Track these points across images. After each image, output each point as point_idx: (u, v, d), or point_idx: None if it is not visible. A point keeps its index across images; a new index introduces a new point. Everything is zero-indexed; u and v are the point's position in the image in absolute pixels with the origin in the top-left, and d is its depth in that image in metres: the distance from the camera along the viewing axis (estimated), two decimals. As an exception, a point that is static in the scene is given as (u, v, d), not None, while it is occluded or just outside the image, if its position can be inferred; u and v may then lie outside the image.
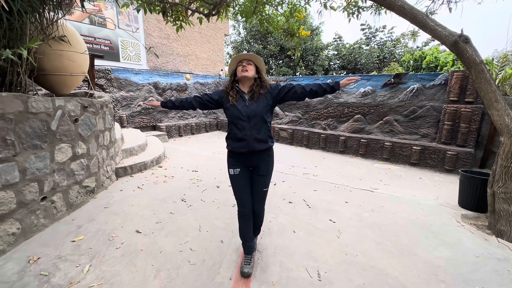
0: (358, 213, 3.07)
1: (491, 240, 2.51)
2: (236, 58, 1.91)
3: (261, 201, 2.02)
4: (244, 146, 1.83)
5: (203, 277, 1.93)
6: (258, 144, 1.83)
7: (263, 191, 1.98)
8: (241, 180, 1.93)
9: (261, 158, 1.91)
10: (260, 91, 1.86)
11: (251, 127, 1.81)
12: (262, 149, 1.86)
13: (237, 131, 1.84)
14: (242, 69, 1.84)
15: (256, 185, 1.96)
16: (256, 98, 1.84)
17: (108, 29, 6.50)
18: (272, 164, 2.00)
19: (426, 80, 5.33)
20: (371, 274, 2.02)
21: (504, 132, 2.37)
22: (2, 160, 2.05)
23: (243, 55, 1.89)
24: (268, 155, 1.94)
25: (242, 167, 1.93)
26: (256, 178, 1.95)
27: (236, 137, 1.85)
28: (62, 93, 3.31)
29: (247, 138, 1.81)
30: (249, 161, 1.91)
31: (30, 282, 1.80)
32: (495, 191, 2.57)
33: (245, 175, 1.94)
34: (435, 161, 5.03)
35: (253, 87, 1.87)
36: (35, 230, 2.38)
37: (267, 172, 1.96)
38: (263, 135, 1.84)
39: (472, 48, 2.36)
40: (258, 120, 1.82)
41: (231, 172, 1.95)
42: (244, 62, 1.87)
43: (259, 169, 1.93)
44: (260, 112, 1.82)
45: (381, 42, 15.74)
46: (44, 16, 2.42)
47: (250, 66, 1.86)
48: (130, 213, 2.87)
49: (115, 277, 1.89)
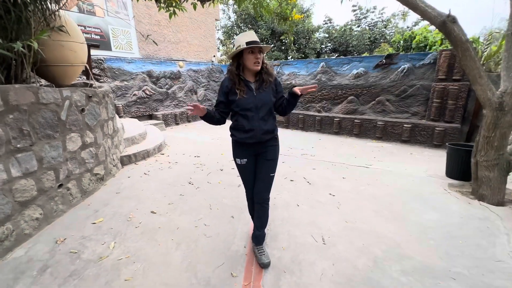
0: (355, 187, 3.32)
1: (473, 204, 2.80)
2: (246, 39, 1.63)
3: (267, 187, 1.92)
4: (252, 137, 1.76)
5: (220, 247, 2.14)
6: (265, 135, 1.79)
7: (269, 176, 1.90)
8: (248, 169, 1.92)
9: (268, 144, 1.87)
10: (269, 78, 1.76)
11: (259, 118, 1.74)
12: (269, 138, 1.84)
13: (245, 122, 1.74)
14: (255, 60, 1.66)
15: (264, 170, 1.89)
16: (265, 86, 1.75)
17: (98, 17, 6.34)
18: (278, 149, 1.95)
19: (416, 60, 5.50)
20: (369, 236, 2.26)
21: (486, 105, 2.59)
22: (21, 149, 2.15)
23: (256, 41, 1.64)
24: (275, 139, 1.91)
25: (249, 156, 1.89)
26: (263, 162, 1.89)
27: (244, 128, 1.75)
28: (64, 84, 3.33)
29: (255, 129, 1.74)
30: (256, 149, 1.87)
31: (62, 259, 1.97)
32: (478, 160, 2.83)
33: (252, 163, 1.91)
34: (425, 137, 5.31)
35: (261, 75, 1.75)
36: (55, 215, 2.52)
37: (275, 156, 1.92)
38: (270, 125, 1.80)
39: (459, 27, 2.52)
40: (266, 110, 1.76)
41: (238, 162, 1.92)
42: (256, 50, 1.65)
43: (266, 154, 1.88)
44: (268, 102, 1.75)
45: (371, 23, 15.72)
46: (46, 7, 2.43)
47: (261, 56, 1.68)
48: (142, 196, 3.03)
49: (140, 251, 2.07)
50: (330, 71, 6.80)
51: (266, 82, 1.75)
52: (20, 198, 2.13)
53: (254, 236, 2.03)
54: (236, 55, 1.72)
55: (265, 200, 1.93)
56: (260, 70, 1.74)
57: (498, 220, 2.46)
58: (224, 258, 2.01)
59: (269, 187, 1.93)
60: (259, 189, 1.91)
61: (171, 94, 8.18)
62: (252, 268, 1.90)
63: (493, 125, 2.57)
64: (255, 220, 2.01)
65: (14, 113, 2.07)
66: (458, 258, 1.98)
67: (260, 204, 1.93)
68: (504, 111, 2.48)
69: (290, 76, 7.60)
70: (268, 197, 1.95)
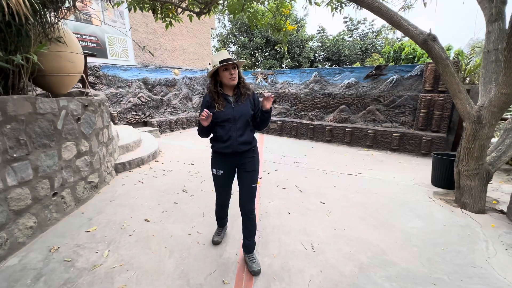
0: (345, 194, 3.42)
1: (456, 212, 2.93)
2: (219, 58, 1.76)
3: (251, 198, 1.98)
4: (229, 146, 1.85)
5: (212, 254, 2.20)
6: (242, 145, 1.86)
7: (252, 187, 1.96)
8: (223, 180, 2.00)
9: (246, 156, 1.93)
10: (247, 92, 1.89)
11: (236, 129, 1.84)
12: (246, 149, 1.90)
13: (223, 132, 1.85)
14: (230, 77, 1.78)
15: (244, 181, 1.96)
16: (243, 99, 1.86)
17: (94, 25, 6.42)
18: (257, 160, 2.01)
19: (404, 72, 5.73)
20: (356, 243, 2.36)
21: (466, 118, 2.75)
22: (17, 159, 2.20)
23: (228, 59, 1.77)
24: (252, 151, 1.96)
25: (226, 168, 1.96)
26: (244, 174, 1.96)
27: (222, 138, 1.86)
28: (60, 93, 3.39)
29: (231, 140, 1.84)
30: (234, 160, 1.94)
31: (56, 267, 2.00)
32: (460, 170, 2.98)
33: (228, 175, 1.98)
34: (413, 146, 5.49)
35: (239, 89, 1.88)
36: (49, 224, 2.55)
37: (254, 168, 1.96)
38: (247, 137, 1.88)
39: (439, 45, 2.69)
40: (244, 121, 1.85)
41: (214, 172, 2.00)
42: (230, 67, 1.77)
43: (246, 166, 1.94)
44: (246, 114, 1.85)
45: (363, 34, 16.19)
46: (45, 20, 2.51)
47: (236, 71, 1.81)
48: (136, 204, 3.07)
49: (134, 259, 2.12)
50: (323, 81, 6.99)
51: (244, 95, 1.88)
52: (15, 206, 2.16)
53: (244, 246, 2.08)
54: (213, 74, 1.85)
55: (250, 211, 2.00)
56: (238, 84, 1.87)
57: (478, 228, 2.59)
58: (216, 265, 2.06)
59: (253, 197, 2.00)
60: (244, 201, 1.98)
61: (166, 101, 8.25)
62: (243, 275, 1.96)
63: (473, 137, 2.73)
64: (244, 231, 2.06)
65: (11, 123, 2.12)
66: (439, 264, 2.08)
67: (246, 215, 2.01)
68: (482, 124, 2.64)
69: (284, 84, 7.77)
70: (253, 207, 2.01)
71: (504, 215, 2.82)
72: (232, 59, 1.78)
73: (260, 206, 3.06)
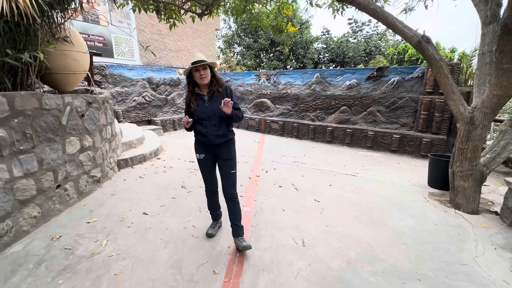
0: (340, 194, 3.47)
1: (449, 212, 2.95)
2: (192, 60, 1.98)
3: (232, 183, 2.18)
4: (206, 140, 2.10)
5: (205, 247, 2.28)
6: (218, 138, 2.08)
7: (230, 173, 2.17)
8: (205, 163, 2.23)
9: (222, 146, 2.14)
10: (219, 89, 2.06)
11: (212, 125, 2.05)
12: (222, 141, 2.11)
13: (201, 127, 2.09)
14: (200, 77, 1.97)
15: (223, 168, 2.18)
16: (215, 97, 2.04)
17: (101, 25, 6.61)
18: (233, 150, 2.21)
19: (405, 73, 5.73)
20: (347, 240, 2.41)
21: (459, 119, 2.78)
22: (23, 151, 2.32)
23: (197, 61, 1.95)
24: (229, 142, 2.17)
25: (207, 153, 2.19)
26: (221, 162, 2.18)
27: (200, 132, 2.11)
28: (66, 90, 3.53)
29: (208, 134, 2.07)
30: (212, 149, 2.16)
31: (57, 254, 2.11)
32: (454, 170, 3.00)
33: (209, 159, 2.21)
34: (413, 148, 5.49)
35: (211, 87, 2.06)
36: (52, 214, 2.67)
37: (230, 156, 2.17)
38: (222, 131, 2.09)
39: (433, 47, 2.73)
40: (217, 119, 2.05)
41: (197, 157, 2.24)
42: (199, 68, 1.96)
43: (222, 154, 2.16)
44: (219, 112, 2.00)
45: (367, 36, 16.14)
46: (52, 20, 2.64)
47: (206, 71, 1.99)
48: (136, 198, 3.18)
49: (130, 249, 2.21)
50: (324, 82, 7.03)
51: (216, 92, 2.06)
52: (20, 196, 2.29)
53: (233, 231, 2.23)
54: (189, 76, 2.07)
55: (233, 195, 2.19)
56: (211, 82, 2.06)
57: (470, 228, 2.61)
58: (208, 257, 2.15)
59: (233, 183, 2.20)
60: (225, 186, 2.19)
61: (170, 101, 8.40)
62: (233, 267, 2.04)
63: (466, 138, 2.75)
64: (230, 216, 2.23)
65: (19, 118, 2.25)
66: (426, 261, 2.12)
67: (230, 199, 2.19)
68: (475, 125, 2.66)
69: (286, 85, 7.83)
70: (235, 192, 2.20)
71: (497, 216, 2.83)
72: (202, 61, 1.97)
73: (255, 203, 3.13)
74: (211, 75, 2.06)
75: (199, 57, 1.99)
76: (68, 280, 1.84)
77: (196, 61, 1.96)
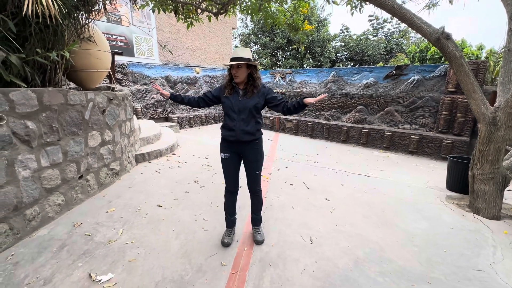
0: (352, 193, 3.42)
1: (467, 216, 2.83)
2: (232, 56, 2.01)
3: (256, 182, 2.22)
4: (233, 135, 2.04)
5: (215, 239, 2.35)
6: (245, 135, 2.03)
7: (255, 174, 2.18)
8: (229, 164, 2.18)
9: (248, 146, 2.09)
10: (254, 90, 2.02)
11: (241, 120, 2.01)
12: (249, 140, 2.05)
13: (229, 121, 2.05)
14: (234, 74, 2.00)
15: (248, 169, 2.18)
16: (249, 95, 2.02)
17: (123, 26, 6.90)
18: (260, 152, 2.17)
19: (426, 72, 5.51)
20: (355, 239, 2.38)
21: (480, 119, 2.65)
22: (50, 143, 2.50)
23: (234, 58, 1.95)
24: (256, 143, 2.11)
25: (232, 153, 2.14)
26: (246, 163, 2.17)
27: (228, 126, 2.06)
28: (89, 87, 3.74)
29: (235, 128, 2.02)
30: (238, 148, 2.11)
31: (78, 240, 2.27)
32: (474, 173, 2.86)
33: (234, 160, 2.17)
34: (432, 149, 5.27)
35: (247, 86, 2.04)
36: (75, 203, 2.85)
37: (256, 159, 2.14)
38: (251, 128, 2.03)
39: (453, 44, 2.62)
40: (247, 114, 2.01)
41: (222, 156, 2.19)
42: (234, 66, 1.96)
43: (248, 156, 2.13)
44: (250, 107, 1.99)
45: (388, 33, 15.59)
46: (77, 21, 2.81)
47: (240, 70, 1.97)
48: (151, 191, 3.32)
49: (144, 238, 2.33)
50: (341, 80, 6.91)
51: (250, 92, 2.03)
52: (46, 185, 2.47)
53: (252, 219, 2.38)
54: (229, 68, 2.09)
55: (256, 191, 2.27)
56: (248, 82, 2.05)
57: (489, 233, 2.49)
58: (217, 249, 2.21)
59: (257, 181, 2.24)
60: (250, 183, 2.26)
61: (186, 98, 8.60)
62: (240, 260, 2.09)
63: (487, 139, 2.62)
64: (251, 206, 2.35)
65: (46, 112, 2.43)
66: (438, 265, 2.06)
67: (253, 194, 2.29)
68: (497, 125, 2.53)
69: (301, 84, 7.78)
70: (258, 188, 2.27)
71: (521, 222, 2.67)
72: (238, 58, 1.95)
73: (265, 200, 3.16)
74: (249, 73, 2.02)
75: (236, 54, 1.97)
76: (87, 263, 1.97)
77: (232, 59, 1.97)
